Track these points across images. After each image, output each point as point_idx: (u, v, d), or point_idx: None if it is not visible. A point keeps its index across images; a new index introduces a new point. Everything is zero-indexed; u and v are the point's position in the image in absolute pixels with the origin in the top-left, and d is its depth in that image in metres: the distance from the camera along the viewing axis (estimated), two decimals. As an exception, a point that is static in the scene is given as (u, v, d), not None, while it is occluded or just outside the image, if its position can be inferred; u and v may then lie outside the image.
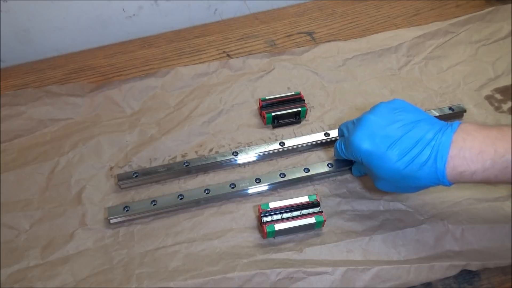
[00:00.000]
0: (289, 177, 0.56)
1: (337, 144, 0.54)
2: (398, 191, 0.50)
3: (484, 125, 0.44)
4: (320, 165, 0.57)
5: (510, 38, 0.74)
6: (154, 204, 0.53)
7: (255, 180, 0.55)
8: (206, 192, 0.54)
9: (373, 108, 0.48)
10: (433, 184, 0.44)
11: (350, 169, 0.57)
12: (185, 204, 0.54)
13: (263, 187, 0.56)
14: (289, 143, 0.60)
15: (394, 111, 0.47)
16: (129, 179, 0.55)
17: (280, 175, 0.56)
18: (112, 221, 0.52)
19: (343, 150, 0.52)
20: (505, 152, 0.41)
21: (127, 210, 0.52)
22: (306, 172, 0.56)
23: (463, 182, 0.43)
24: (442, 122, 0.45)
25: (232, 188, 0.55)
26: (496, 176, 0.42)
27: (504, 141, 0.41)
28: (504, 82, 0.68)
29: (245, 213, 0.54)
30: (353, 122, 0.50)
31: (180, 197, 0.53)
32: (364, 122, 0.47)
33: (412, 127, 0.44)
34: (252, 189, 0.55)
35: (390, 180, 0.46)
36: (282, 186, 0.57)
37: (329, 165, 0.57)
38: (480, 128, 0.43)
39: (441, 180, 0.43)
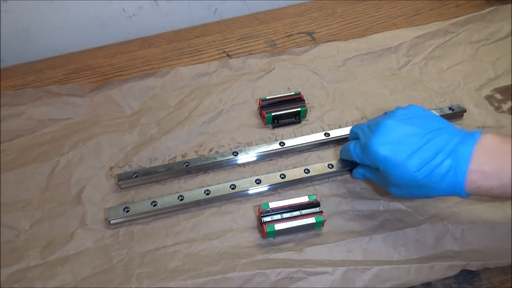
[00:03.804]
0: (289, 178, 0.56)
1: (351, 147, 0.52)
2: (411, 197, 0.50)
3: (503, 136, 0.43)
4: (320, 166, 0.57)
5: (510, 38, 0.74)
6: (154, 205, 0.53)
7: (255, 181, 0.55)
8: (206, 193, 0.54)
9: (391, 113, 0.47)
10: (449, 195, 0.44)
11: (350, 170, 0.57)
12: (185, 205, 0.54)
13: (263, 187, 0.56)
14: (289, 143, 0.60)
15: (412, 118, 0.46)
16: (129, 179, 0.55)
17: (280, 176, 0.56)
18: (112, 221, 0.52)
19: (358, 153, 0.51)
20: None
21: (127, 211, 0.52)
22: (306, 173, 0.56)
23: (479, 196, 0.43)
24: (463, 131, 0.44)
25: (232, 189, 0.55)
26: None
27: None
28: (504, 82, 0.68)
29: (245, 213, 0.54)
30: (368, 126, 0.49)
31: (180, 198, 0.53)
32: (383, 127, 0.46)
33: (432, 136, 0.43)
34: (252, 190, 0.55)
35: (405, 187, 0.46)
36: (282, 186, 0.56)
37: (329, 166, 0.57)
38: (500, 141, 0.42)
39: (458, 193, 0.43)
